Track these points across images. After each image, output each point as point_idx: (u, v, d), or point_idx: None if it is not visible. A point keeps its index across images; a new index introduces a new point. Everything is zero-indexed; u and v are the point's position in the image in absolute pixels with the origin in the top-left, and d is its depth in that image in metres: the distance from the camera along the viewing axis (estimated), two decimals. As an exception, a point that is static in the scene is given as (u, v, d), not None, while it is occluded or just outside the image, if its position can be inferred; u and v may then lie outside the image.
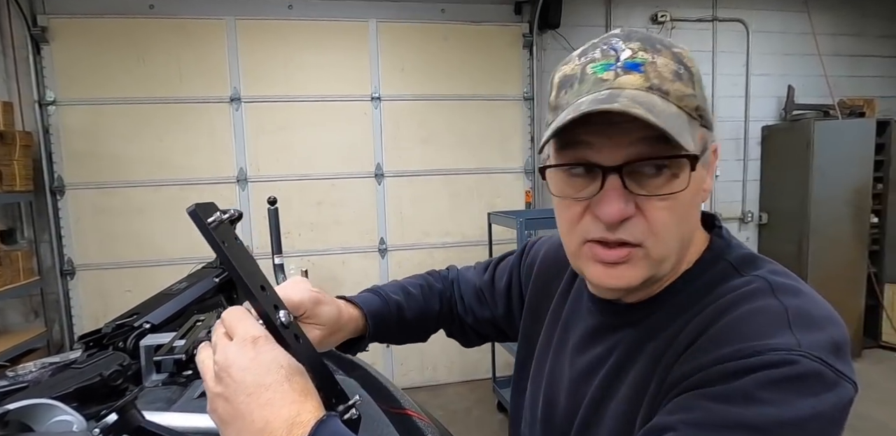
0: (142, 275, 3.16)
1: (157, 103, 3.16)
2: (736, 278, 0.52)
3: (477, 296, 0.85)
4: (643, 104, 0.45)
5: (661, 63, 0.48)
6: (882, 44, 4.54)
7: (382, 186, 3.49)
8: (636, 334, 0.55)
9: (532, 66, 3.67)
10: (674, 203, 0.49)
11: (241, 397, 0.44)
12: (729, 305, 0.48)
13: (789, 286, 0.49)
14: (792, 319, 0.44)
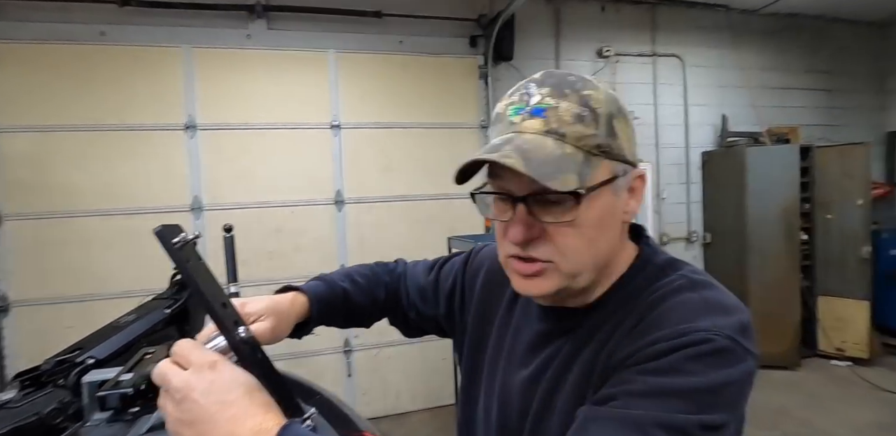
0: (86, 310, 2.98)
1: (107, 130, 3.07)
2: (663, 278, 0.61)
3: (421, 294, 0.90)
4: (527, 151, 0.53)
5: (564, 108, 0.55)
6: (803, 77, 5.01)
7: (343, 213, 3.48)
8: (581, 334, 0.63)
9: (488, 95, 3.81)
10: (578, 228, 0.56)
11: (206, 417, 0.47)
12: (659, 300, 0.57)
13: (705, 282, 0.59)
14: (709, 308, 0.54)
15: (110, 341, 1.58)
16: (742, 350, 0.51)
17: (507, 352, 0.73)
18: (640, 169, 0.62)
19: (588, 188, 0.55)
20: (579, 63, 4.18)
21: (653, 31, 4.41)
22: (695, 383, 0.48)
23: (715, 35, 4.59)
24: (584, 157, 0.55)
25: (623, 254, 0.64)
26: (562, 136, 0.55)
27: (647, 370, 0.50)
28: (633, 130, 0.61)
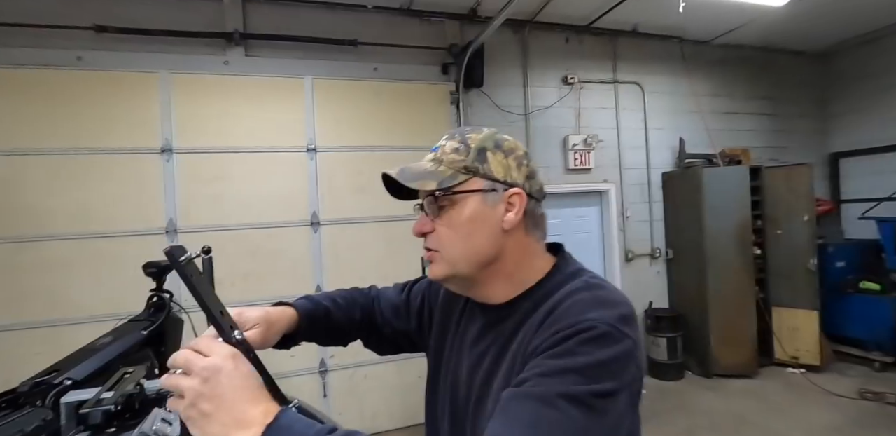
0: (56, 335, 2.93)
1: (81, 154, 3.07)
2: (568, 283, 0.77)
3: (395, 311, 1.03)
4: (409, 168, 0.79)
5: (449, 145, 0.79)
6: (751, 103, 5.38)
7: (318, 234, 3.54)
8: (508, 328, 0.79)
9: (459, 120, 3.98)
10: (451, 225, 0.77)
11: (228, 394, 0.58)
12: (563, 299, 0.73)
13: (598, 285, 0.76)
14: (597, 303, 0.69)
15: (88, 362, 1.61)
16: (620, 334, 0.65)
17: (457, 350, 0.88)
18: (515, 189, 0.78)
19: (442, 189, 0.76)
20: (546, 89, 4.41)
21: (614, 60, 4.69)
22: (585, 361, 0.62)
23: (670, 64, 4.91)
24: (452, 173, 0.77)
25: (538, 263, 0.82)
26: (440, 161, 0.78)
27: (550, 355, 0.64)
28: (514, 161, 0.79)
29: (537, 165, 0.84)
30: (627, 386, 0.64)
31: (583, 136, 4.42)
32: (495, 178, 0.77)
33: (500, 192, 0.77)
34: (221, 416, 0.57)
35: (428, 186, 0.76)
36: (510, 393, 0.63)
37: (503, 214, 0.77)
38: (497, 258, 0.78)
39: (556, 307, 0.71)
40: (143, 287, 2.87)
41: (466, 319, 0.89)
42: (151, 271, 1.99)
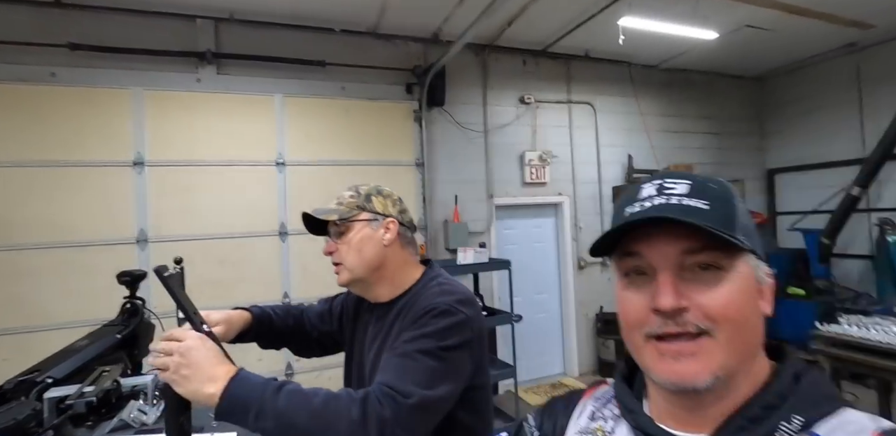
0: (24, 342, 3.01)
1: (52, 167, 3.17)
2: (430, 285, 1.12)
3: (321, 317, 1.33)
4: (322, 209, 1.13)
5: (346, 194, 1.16)
6: (695, 122, 5.82)
7: (286, 244, 3.72)
8: (390, 319, 1.12)
9: (422, 136, 4.23)
10: (348, 244, 1.11)
11: (201, 362, 0.83)
12: (423, 295, 1.07)
13: (447, 283, 1.12)
14: (442, 294, 1.04)
15: (66, 362, 1.78)
16: (456, 310, 1.00)
17: (360, 339, 1.21)
18: (390, 218, 1.14)
19: (341, 219, 1.11)
20: (504, 108, 4.71)
21: (568, 81, 5.03)
22: (432, 329, 0.96)
23: (621, 86, 5.29)
24: (348, 210, 1.12)
25: (409, 272, 1.17)
26: (341, 203, 1.14)
27: (410, 329, 0.99)
28: (390, 202, 1.17)
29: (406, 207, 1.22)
30: (465, 344, 0.98)
31: (538, 152, 4.73)
32: (377, 212, 1.14)
33: (381, 220, 1.14)
34: (197, 376, 0.81)
35: (332, 217, 1.11)
36: (386, 356, 0.99)
37: (382, 235, 1.13)
38: (382, 266, 1.13)
39: (419, 302, 1.05)
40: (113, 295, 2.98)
41: (365, 316, 1.22)
42: (125, 280, 2.12)
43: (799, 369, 0.52)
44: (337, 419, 0.82)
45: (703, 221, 0.48)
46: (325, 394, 0.86)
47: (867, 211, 5.14)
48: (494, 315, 3.68)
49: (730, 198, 0.53)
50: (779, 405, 0.49)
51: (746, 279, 0.51)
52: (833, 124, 5.55)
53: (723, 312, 0.49)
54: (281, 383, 0.85)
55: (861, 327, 2.90)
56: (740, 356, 0.50)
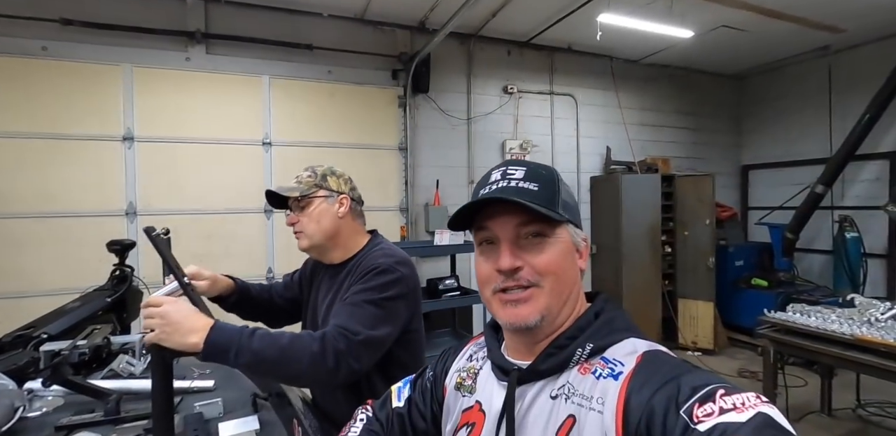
0: (12, 307, 3.12)
1: (44, 139, 3.25)
2: (374, 249, 1.36)
3: (285, 286, 1.60)
4: (283, 187, 1.37)
5: (304, 174, 1.39)
6: (673, 117, 6.00)
7: (271, 221, 3.86)
8: (341, 277, 1.34)
9: (406, 122, 4.36)
10: (308, 216, 1.33)
11: (179, 320, 0.98)
12: (368, 256, 1.32)
13: (387, 248, 1.36)
14: (385, 255, 1.29)
15: (60, 321, 1.94)
16: (394, 269, 1.23)
17: (314, 295, 1.44)
18: (343, 195, 1.37)
19: (302, 196, 1.33)
20: (487, 97, 4.85)
21: (551, 73, 5.18)
22: (375, 283, 1.20)
23: (602, 79, 5.46)
24: (307, 187, 1.34)
25: (358, 239, 1.40)
26: (300, 182, 1.36)
27: (358, 285, 1.21)
28: (343, 181, 1.39)
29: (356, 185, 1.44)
30: (401, 296, 1.22)
31: (519, 141, 4.90)
32: (332, 189, 1.37)
33: (335, 197, 1.37)
34: (178, 330, 0.97)
35: (294, 194, 1.34)
36: (338, 305, 1.23)
37: (338, 209, 1.35)
38: (336, 234, 1.36)
39: (364, 261, 1.29)
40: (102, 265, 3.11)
41: (320, 276, 1.46)
42: (115, 248, 2.25)
43: (598, 309, 0.68)
44: (301, 352, 1.03)
45: (533, 200, 0.64)
46: (290, 335, 1.06)
47: (830, 208, 5.39)
48: (468, 295, 3.86)
49: (555, 181, 0.70)
50: (577, 336, 0.65)
51: (565, 243, 0.68)
52: (804, 125, 5.78)
53: (546, 268, 0.66)
54: (253, 329, 1.04)
55: (803, 314, 3.12)
56: (560, 300, 0.67)
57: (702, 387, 0.52)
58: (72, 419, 1.23)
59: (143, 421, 1.24)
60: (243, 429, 1.17)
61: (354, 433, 0.83)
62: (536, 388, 0.65)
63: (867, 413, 3.49)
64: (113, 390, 1.35)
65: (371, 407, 0.91)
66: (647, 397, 0.54)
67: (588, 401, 0.59)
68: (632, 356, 0.61)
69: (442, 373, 0.84)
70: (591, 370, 0.61)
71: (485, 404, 0.72)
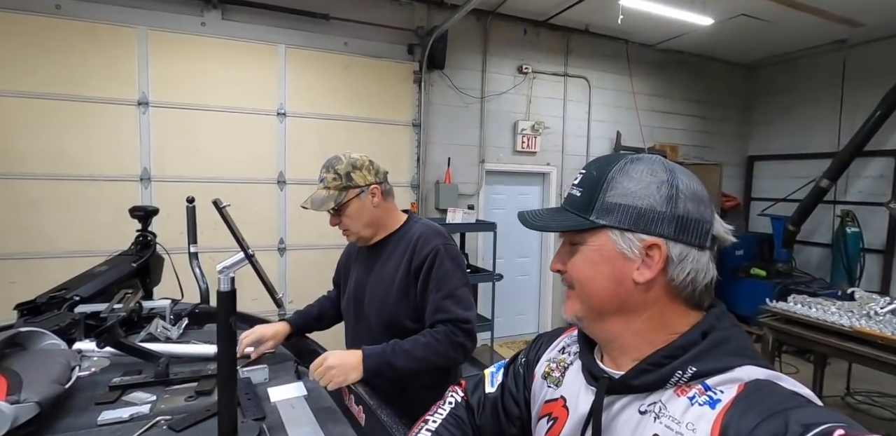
0: (30, 267, 3.14)
1: (59, 100, 3.22)
2: (414, 226, 1.43)
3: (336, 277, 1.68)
4: (314, 199, 1.37)
5: (329, 177, 1.37)
6: (684, 104, 5.98)
7: (284, 192, 3.86)
8: (385, 254, 1.41)
9: (420, 98, 4.33)
10: (349, 216, 1.37)
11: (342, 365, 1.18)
12: (417, 236, 1.38)
13: (431, 224, 1.45)
14: (435, 235, 1.39)
15: (90, 284, 1.97)
16: (450, 246, 1.36)
17: (353, 274, 1.51)
18: (374, 186, 1.39)
19: (338, 205, 1.35)
20: (502, 76, 4.81)
21: (566, 54, 5.13)
22: (449, 267, 1.33)
23: (617, 63, 5.41)
24: (337, 193, 1.35)
25: (395, 218, 1.46)
26: (328, 188, 1.36)
27: (433, 270, 1.32)
28: (366, 170, 1.39)
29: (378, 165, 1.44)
30: (463, 266, 1.38)
31: (531, 122, 4.88)
32: (360, 185, 1.38)
33: (367, 190, 1.39)
34: (347, 372, 1.17)
35: (328, 207, 1.36)
36: (434, 297, 1.31)
37: (371, 200, 1.39)
38: (377, 220, 1.42)
39: (417, 240, 1.37)
40: (116, 229, 3.15)
41: (360, 255, 1.53)
42: (138, 214, 2.26)
43: (707, 328, 0.59)
44: (435, 357, 1.24)
45: (571, 208, 0.65)
46: (422, 345, 1.24)
47: (833, 203, 5.45)
48: (477, 273, 3.92)
49: (600, 181, 0.63)
50: (678, 356, 0.58)
51: (597, 251, 0.62)
52: (813, 118, 5.78)
53: (572, 275, 0.66)
54: (392, 347, 1.23)
55: (805, 305, 3.20)
56: (589, 307, 0.65)
57: (815, 425, 0.45)
58: (123, 379, 1.27)
59: (193, 383, 1.27)
60: (293, 394, 1.21)
61: (441, 416, 0.82)
62: (624, 401, 0.62)
63: (855, 401, 3.62)
64: (160, 353, 1.38)
65: (463, 390, 0.89)
66: (747, 431, 0.48)
67: (678, 425, 0.55)
68: (734, 385, 0.54)
69: (535, 360, 0.82)
70: (687, 394, 0.56)
71: (570, 401, 0.70)
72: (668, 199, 0.59)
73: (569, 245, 0.66)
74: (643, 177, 0.61)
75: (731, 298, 5.45)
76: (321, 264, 3.84)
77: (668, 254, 0.58)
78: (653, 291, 0.61)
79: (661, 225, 0.59)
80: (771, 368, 0.57)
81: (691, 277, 0.60)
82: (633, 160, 0.63)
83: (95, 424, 1.06)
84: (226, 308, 0.98)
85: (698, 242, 0.59)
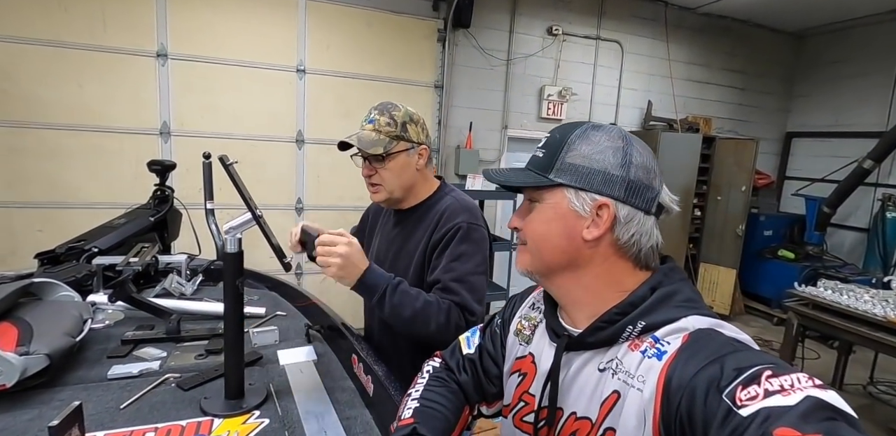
0: (54, 216, 3.19)
1: (78, 49, 3.16)
2: (445, 198, 1.30)
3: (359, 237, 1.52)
4: (361, 137, 1.21)
5: (382, 120, 1.23)
6: (723, 75, 5.67)
7: (303, 151, 3.80)
8: (411, 223, 1.31)
9: (444, 58, 4.16)
10: (389, 170, 1.24)
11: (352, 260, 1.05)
12: (445, 208, 1.25)
13: (461, 197, 1.30)
14: (463, 209, 1.24)
15: (108, 236, 1.97)
16: (476, 226, 1.21)
17: (378, 238, 1.43)
18: (423, 146, 1.28)
19: (387, 153, 1.22)
20: (530, 37, 4.58)
21: (599, 16, 4.84)
22: (469, 245, 1.18)
23: (653, 27, 5.10)
24: (388, 140, 1.22)
25: (429, 185, 1.34)
26: (379, 132, 1.22)
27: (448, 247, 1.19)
28: (421, 129, 1.27)
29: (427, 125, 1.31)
30: (486, 252, 1.23)
31: (559, 87, 4.68)
32: (413, 141, 1.26)
33: (416, 148, 1.27)
34: (353, 269, 1.05)
35: (377, 151, 1.21)
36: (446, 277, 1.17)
37: (417, 161, 1.28)
38: (413, 185, 1.30)
39: (444, 213, 1.24)
40: (137, 182, 3.15)
41: (385, 220, 1.44)
42: (156, 168, 2.23)
43: (655, 284, 0.63)
44: (429, 319, 1.10)
45: (533, 168, 0.68)
46: (424, 299, 1.12)
47: (874, 185, 5.19)
48: (494, 242, 3.86)
49: (561, 144, 0.66)
50: (629, 312, 0.61)
51: (553, 208, 0.66)
52: (862, 93, 5.43)
53: (526, 231, 0.69)
54: (398, 282, 1.11)
55: (836, 291, 3.08)
56: (541, 261, 0.68)
57: (747, 368, 0.48)
58: (136, 334, 1.26)
59: (203, 341, 1.26)
60: (302, 358, 1.19)
61: (421, 384, 0.82)
62: (584, 357, 0.65)
63: (877, 391, 3.54)
64: (172, 309, 1.37)
65: (439, 357, 0.91)
66: (687, 378, 0.51)
67: (631, 378, 0.58)
68: (679, 336, 0.57)
69: (510, 319, 0.84)
70: (640, 348, 0.59)
71: (537, 357, 0.74)
72: (621, 164, 0.63)
73: (528, 202, 0.69)
74: (601, 142, 0.64)
75: (755, 279, 5.34)
76: (339, 225, 3.79)
77: (616, 214, 0.63)
78: (600, 248, 0.65)
79: (612, 187, 0.63)
80: (714, 316, 0.60)
81: (636, 238, 0.64)
82: (594, 127, 0.66)
83: (106, 378, 1.05)
84: (232, 270, 0.94)
85: (644, 207, 0.64)
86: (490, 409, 0.84)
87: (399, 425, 0.70)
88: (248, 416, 0.93)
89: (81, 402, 0.74)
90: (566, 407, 0.65)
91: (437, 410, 0.74)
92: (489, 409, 0.84)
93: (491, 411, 0.84)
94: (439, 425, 0.71)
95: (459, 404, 0.80)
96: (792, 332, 3.16)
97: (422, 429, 0.67)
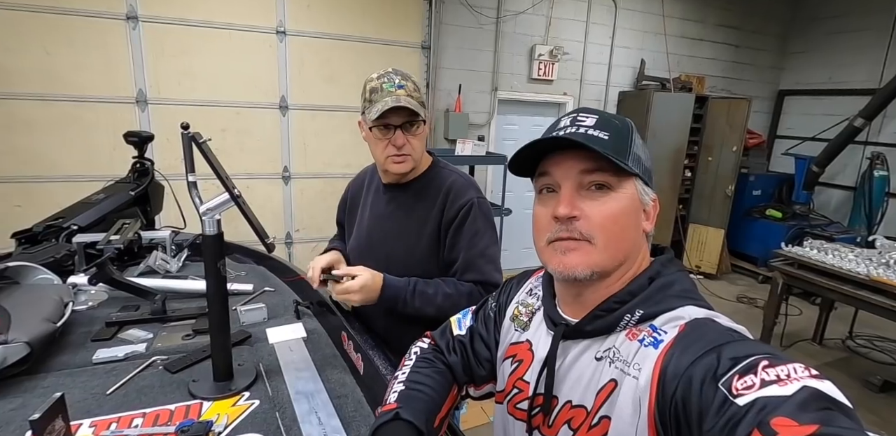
0: (33, 190, 3.10)
1: (42, 12, 2.97)
2: (445, 173, 1.26)
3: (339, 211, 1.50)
4: (411, 102, 1.12)
5: (409, 85, 1.16)
6: (718, 31, 5.51)
7: (287, 118, 3.68)
8: (408, 196, 1.25)
9: (431, 17, 3.98)
10: (419, 138, 1.18)
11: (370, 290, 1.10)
12: (451, 185, 1.22)
13: (463, 174, 1.27)
14: (469, 186, 1.23)
15: (87, 213, 1.91)
16: (484, 200, 1.23)
17: (363, 213, 1.36)
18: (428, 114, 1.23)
19: (423, 120, 1.18)
20: (521, -6, 4.38)
21: (593, -31, 4.62)
22: (481, 224, 1.19)
23: (649, -20, 4.89)
24: (420, 106, 1.15)
25: (426, 158, 1.28)
26: (411, 96, 1.13)
27: (465, 225, 1.19)
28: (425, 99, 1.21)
29: None
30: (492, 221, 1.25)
31: (550, 46, 4.53)
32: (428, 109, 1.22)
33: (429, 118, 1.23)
34: (371, 294, 1.10)
35: (423, 114, 1.16)
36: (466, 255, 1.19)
37: (426, 131, 1.23)
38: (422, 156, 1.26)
39: (449, 191, 1.22)
40: (115, 153, 3.05)
41: (373, 197, 1.35)
42: (133, 140, 2.13)
43: (654, 274, 0.63)
44: (453, 309, 1.02)
45: (601, 149, 0.57)
46: (443, 293, 1.15)
47: (864, 143, 5.18)
48: (485, 207, 3.85)
49: (628, 133, 0.62)
50: (627, 301, 0.61)
51: (630, 199, 0.61)
52: (857, 48, 5.32)
53: (603, 223, 0.60)
54: (414, 285, 1.15)
55: (821, 251, 3.12)
56: (613, 260, 0.61)
57: (743, 358, 0.48)
58: (120, 316, 1.24)
59: (191, 321, 1.25)
60: (291, 336, 1.18)
61: (408, 367, 0.81)
62: (582, 346, 0.65)
63: (855, 344, 3.67)
64: (156, 289, 1.35)
65: (428, 337, 0.91)
66: (684, 367, 0.52)
67: (627, 366, 0.58)
68: (676, 325, 0.57)
69: (505, 303, 0.83)
70: (638, 337, 0.59)
71: (534, 345, 0.73)
72: (650, 157, 0.66)
73: (592, 188, 0.61)
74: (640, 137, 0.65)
75: (743, 238, 5.40)
76: (327, 194, 3.77)
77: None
78: (646, 242, 0.66)
79: (652, 181, 0.65)
80: (710, 307, 0.61)
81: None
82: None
83: (91, 362, 1.04)
84: (212, 253, 0.91)
85: None
86: (478, 391, 0.84)
87: (383, 410, 0.69)
88: (237, 398, 0.93)
89: (63, 393, 0.72)
90: (561, 396, 0.65)
91: (422, 391, 0.73)
92: (477, 391, 0.84)
93: (479, 394, 0.84)
94: (424, 407, 0.71)
95: (447, 384, 0.80)
96: (777, 290, 3.23)
97: (405, 414, 0.66)
